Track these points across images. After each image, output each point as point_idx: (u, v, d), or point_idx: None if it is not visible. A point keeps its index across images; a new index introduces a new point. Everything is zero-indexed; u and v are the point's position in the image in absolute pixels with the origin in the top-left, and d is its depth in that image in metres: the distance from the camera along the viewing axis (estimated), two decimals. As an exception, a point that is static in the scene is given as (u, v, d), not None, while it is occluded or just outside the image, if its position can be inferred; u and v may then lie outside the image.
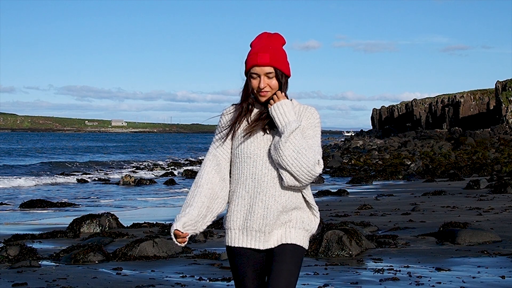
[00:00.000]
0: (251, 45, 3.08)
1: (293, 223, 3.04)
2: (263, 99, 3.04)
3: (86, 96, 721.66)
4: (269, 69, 3.01)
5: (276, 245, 3.03)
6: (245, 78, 3.09)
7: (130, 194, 20.61)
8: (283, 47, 3.11)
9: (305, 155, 2.91)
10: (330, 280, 6.52)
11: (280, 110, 2.99)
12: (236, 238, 3.05)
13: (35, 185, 23.80)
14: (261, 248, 3.02)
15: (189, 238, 3.08)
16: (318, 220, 3.12)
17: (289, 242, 3.02)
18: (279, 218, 3.01)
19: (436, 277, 6.62)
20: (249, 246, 3.03)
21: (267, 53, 3.01)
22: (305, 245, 3.08)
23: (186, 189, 22.50)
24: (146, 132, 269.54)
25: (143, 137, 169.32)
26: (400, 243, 8.76)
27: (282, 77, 3.05)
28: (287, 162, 2.91)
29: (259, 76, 3.02)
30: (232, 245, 3.06)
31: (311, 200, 3.09)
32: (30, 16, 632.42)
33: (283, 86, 3.06)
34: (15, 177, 27.32)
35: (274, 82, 3.03)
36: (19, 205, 16.23)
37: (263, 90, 3.02)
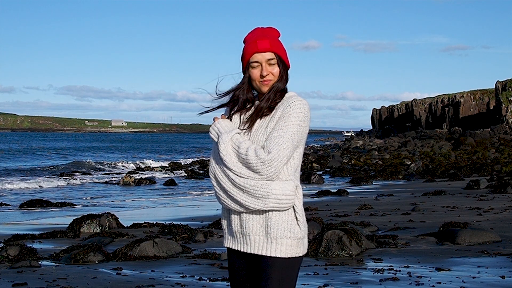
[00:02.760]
0: (245, 40, 2.99)
1: (274, 231, 2.85)
2: (266, 89, 2.94)
3: (86, 96, 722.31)
4: (271, 55, 2.92)
5: (258, 253, 2.87)
6: (243, 77, 2.98)
7: (130, 194, 20.61)
8: (279, 39, 3.02)
9: (247, 160, 2.78)
10: (330, 280, 6.53)
11: (212, 132, 2.92)
12: (227, 239, 3.03)
13: (35, 187, 23.76)
14: (241, 250, 2.92)
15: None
16: (302, 225, 2.91)
17: (270, 255, 2.86)
18: (255, 219, 2.87)
19: (436, 277, 6.62)
20: (232, 247, 2.99)
21: (267, 39, 2.93)
22: (294, 253, 2.88)
23: (185, 189, 22.50)
24: (146, 132, 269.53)
25: (143, 137, 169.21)
26: (400, 243, 8.76)
27: (284, 67, 2.96)
28: (239, 174, 2.81)
29: (261, 64, 2.92)
30: (224, 246, 3.05)
31: (299, 205, 2.92)
32: (30, 16, 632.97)
33: (282, 74, 2.95)
34: (14, 178, 27.36)
35: (276, 70, 2.93)
36: (19, 205, 16.24)
37: (265, 78, 2.92)
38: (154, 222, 11.56)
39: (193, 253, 8.42)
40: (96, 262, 7.85)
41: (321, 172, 29.33)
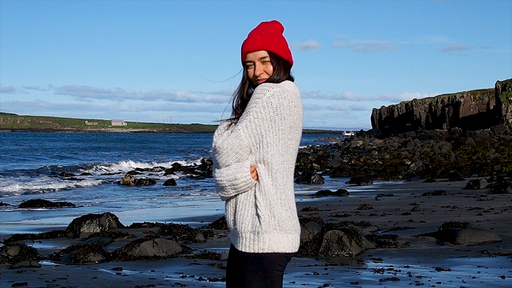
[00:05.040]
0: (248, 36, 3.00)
1: (239, 225, 2.83)
2: None
3: (86, 96, 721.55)
4: (263, 53, 2.87)
5: (234, 245, 2.90)
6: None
7: (130, 194, 20.61)
8: (282, 34, 2.98)
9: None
10: (330, 280, 6.52)
11: None
12: None
13: (35, 187, 23.75)
14: (233, 243, 2.94)
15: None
16: (265, 220, 2.77)
17: (238, 249, 2.86)
18: (230, 212, 2.89)
19: (436, 277, 6.62)
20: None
21: (259, 36, 2.89)
22: (257, 248, 2.79)
23: (185, 189, 22.49)
24: (146, 132, 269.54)
25: (143, 137, 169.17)
26: (400, 243, 8.76)
27: (278, 61, 2.88)
28: (214, 164, 2.91)
29: (254, 63, 2.89)
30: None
31: (260, 197, 2.79)
32: (30, 16, 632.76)
33: (277, 71, 2.87)
34: (14, 178, 27.34)
35: (270, 68, 2.88)
36: (19, 205, 16.24)
37: (259, 78, 2.88)
38: (154, 222, 11.56)
39: (193, 253, 8.42)
40: (96, 262, 7.85)
41: (321, 172, 29.32)
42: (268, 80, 2.87)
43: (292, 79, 2.95)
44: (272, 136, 2.78)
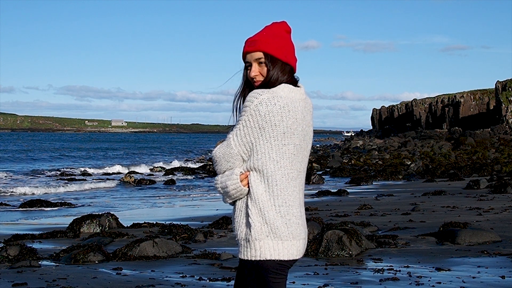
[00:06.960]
0: None
1: (236, 232, 2.83)
2: None
3: (86, 96, 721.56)
4: (259, 55, 2.81)
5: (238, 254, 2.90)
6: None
7: (130, 194, 20.61)
8: (289, 35, 2.91)
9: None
10: (330, 280, 6.52)
11: None
12: None
13: (35, 188, 23.75)
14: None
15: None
16: (254, 227, 2.74)
17: (238, 256, 2.85)
18: (232, 219, 2.89)
19: (436, 277, 6.62)
20: None
21: (258, 37, 2.84)
22: (249, 255, 2.77)
23: (185, 190, 22.49)
24: (146, 132, 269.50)
25: (143, 137, 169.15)
26: (400, 243, 8.76)
27: (274, 63, 2.81)
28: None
29: (251, 64, 2.84)
30: None
31: (250, 205, 2.76)
32: (30, 16, 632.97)
33: (272, 73, 2.80)
34: (14, 177, 27.32)
35: (265, 70, 2.82)
36: (19, 205, 16.24)
37: (255, 80, 2.83)
38: (154, 222, 11.56)
39: (193, 253, 8.42)
40: (96, 262, 7.85)
41: (321, 172, 29.31)
42: (263, 82, 2.82)
43: (294, 82, 2.88)
44: (263, 143, 2.73)
